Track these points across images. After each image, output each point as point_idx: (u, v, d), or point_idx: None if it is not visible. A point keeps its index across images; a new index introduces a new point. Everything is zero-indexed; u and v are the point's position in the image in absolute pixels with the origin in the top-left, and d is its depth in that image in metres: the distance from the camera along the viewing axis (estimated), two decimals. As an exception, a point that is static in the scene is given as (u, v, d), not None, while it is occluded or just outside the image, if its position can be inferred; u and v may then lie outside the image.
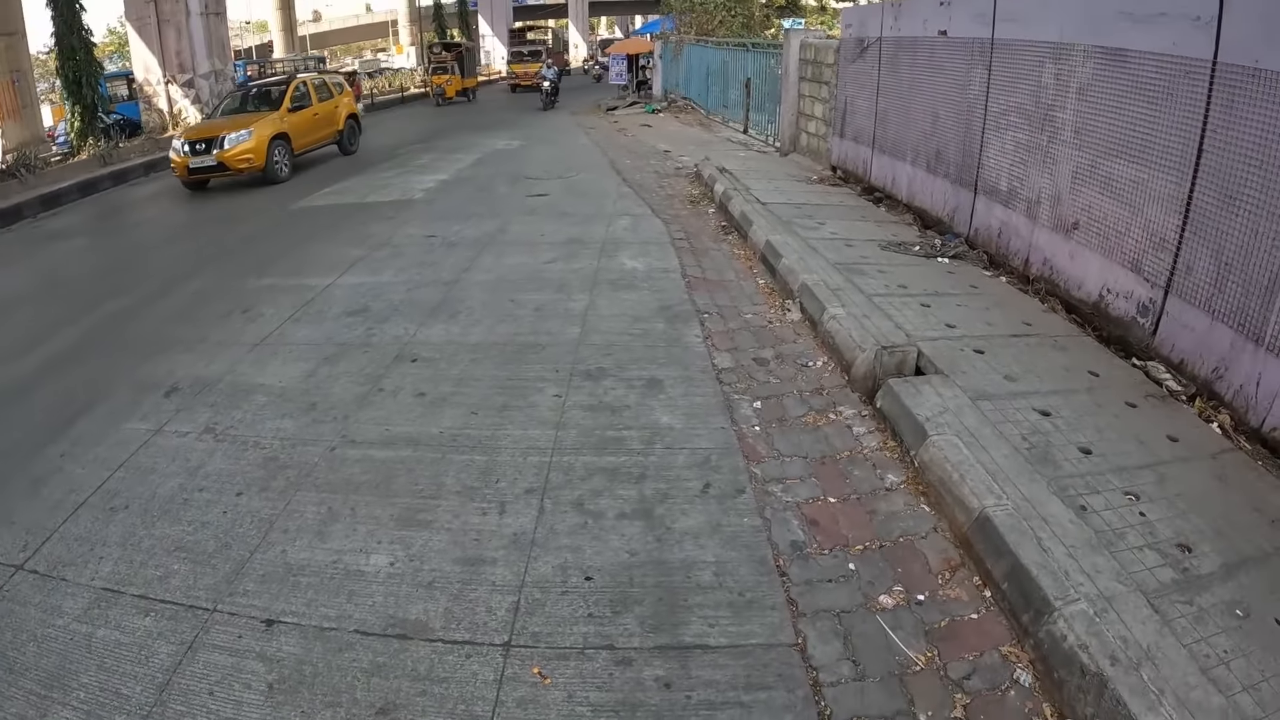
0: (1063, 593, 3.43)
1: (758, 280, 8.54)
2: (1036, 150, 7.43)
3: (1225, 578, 3.64)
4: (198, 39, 25.46)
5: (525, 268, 9.29)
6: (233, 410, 6.00)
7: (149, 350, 7.29)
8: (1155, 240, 5.85)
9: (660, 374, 6.29)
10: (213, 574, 4.20)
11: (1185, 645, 3.19)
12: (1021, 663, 3.44)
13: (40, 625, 3.91)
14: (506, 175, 15.93)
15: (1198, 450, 4.73)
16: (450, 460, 5.18)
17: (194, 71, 25.50)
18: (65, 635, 3.83)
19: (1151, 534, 3.89)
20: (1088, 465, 4.47)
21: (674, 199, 13.00)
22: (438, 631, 3.75)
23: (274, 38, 62.02)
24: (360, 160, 19.13)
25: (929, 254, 8.61)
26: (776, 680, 3.43)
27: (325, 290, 8.70)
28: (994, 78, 8.24)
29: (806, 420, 5.54)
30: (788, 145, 16.21)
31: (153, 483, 5.10)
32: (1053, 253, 7.17)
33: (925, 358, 5.81)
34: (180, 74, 25.44)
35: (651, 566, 4.14)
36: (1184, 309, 5.58)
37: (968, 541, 4.06)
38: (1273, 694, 3.03)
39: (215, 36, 26.50)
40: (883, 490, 4.71)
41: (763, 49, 19.47)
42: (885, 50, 11.22)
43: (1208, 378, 5.32)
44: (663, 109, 28.89)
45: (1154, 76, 5.83)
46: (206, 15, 25.77)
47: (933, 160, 9.75)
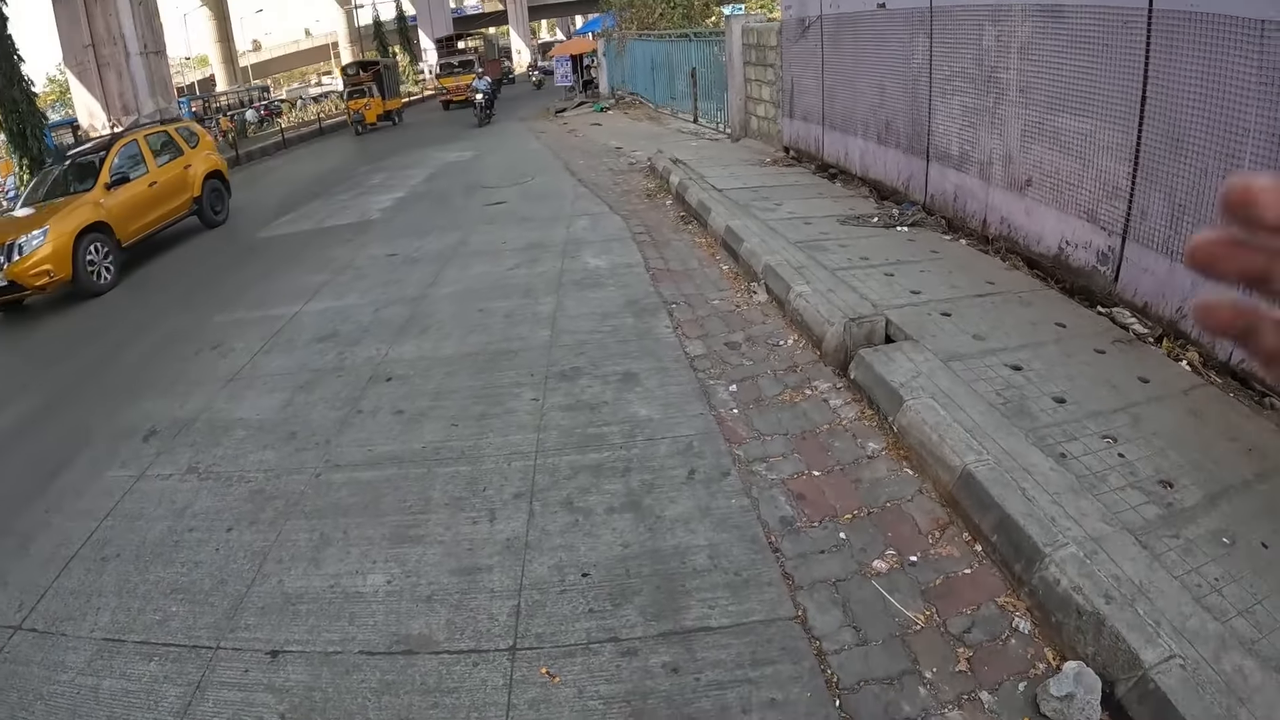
0: (1051, 539, 3.49)
1: (721, 266, 8.57)
2: (984, 112, 7.50)
3: (1209, 508, 3.71)
4: (139, 79, 25.18)
5: (490, 276, 9.27)
6: (213, 447, 5.95)
7: (124, 396, 7.22)
8: (1108, 189, 5.93)
9: (634, 367, 6.31)
10: (212, 612, 4.17)
11: (1176, 577, 3.25)
12: (1019, 611, 3.49)
13: (45, 683, 3.86)
14: (462, 186, 15.88)
15: (1169, 388, 4.81)
16: (436, 474, 5.18)
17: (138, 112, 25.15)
18: (71, 690, 3.78)
19: (1132, 473, 3.95)
20: (1063, 414, 4.53)
21: (631, 194, 13.01)
22: (442, 643, 3.75)
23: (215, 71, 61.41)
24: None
25: (888, 224, 8.67)
26: (781, 654, 3.45)
27: (293, 319, 8.65)
28: (936, 45, 8.30)
29: (783, 398, 5.57)
30: (738, 130, 16.24)
31: (141, 528, 5.05)
32: (1009, 211, 7.25)
33: (894, 325, 5.87)
34: (125, 116, 25.11)
35: (646, 556, 4.15)
36: (1143, 253, 5.66)
37: (953, 499, 4.11)
38: (1267, 615, 3.09)
39: (157, 75, 26.22)
40: (865, 458, 4.75)
41: (705, 38, 19.51)
42: (827, 28, 11.27)
43: (1172, 318, 5.40)
44: (611, 106, 28.87)
45: (1092, 29, 5.91)
46: (146, 55, 25.49)
47: (883, 132, 9.81)
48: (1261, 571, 3.31)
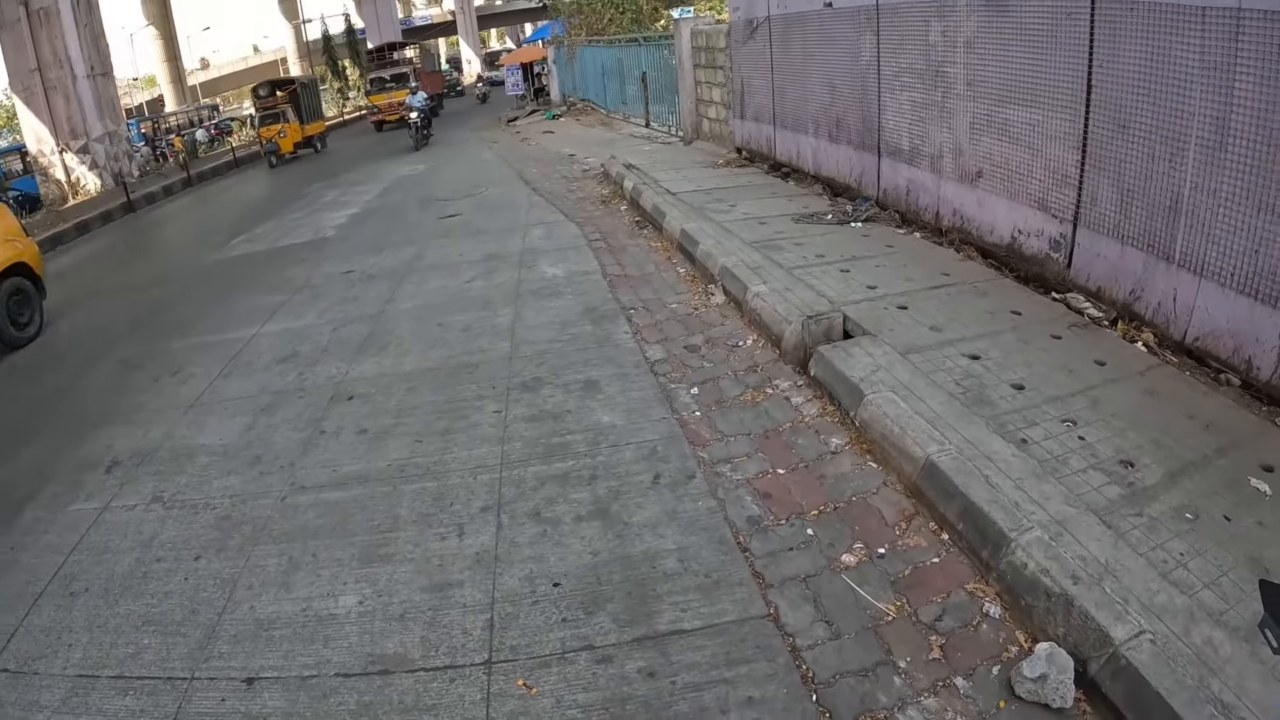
0: (1016, 523, 3.51)
1: (678, 269, 8.58)
2: (933, 107, 7.57)
3: (1170, 485, 3.76)
4: (87, 102, 24.77)
5: (447, 290, 9.21)
6: (177, 475, 5.83)
7: (85, 427, 7.06)
8: (1058, 178, 6.00)
9: (595, 375, 6.29)
10: (185, 642, 4.08)
11: (1142, 554, 3.29)
12: (988, 596, 3.52)
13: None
14: (416, 200, 15.79)
15: (1126, 370, 4.87)
16: (402, 491, 5.12)
17: (87, 136, 24.84)
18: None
19: (1093, 455, 4.00)
20: (1022, 400, 4.58)
21: (585, 201, 12.99)
22: (418, 661, 3.70)
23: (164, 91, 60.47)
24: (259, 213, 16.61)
25: (842, 221, 8.72)
26: (755, 652, 3.45)
27: (251, 341, 8.53)
28: (883, 42, 8.38)
29: (744, 398, 5.58)
30: (690, 133, 16.29)
31: (109, 561, 4.93)
32: (961, 203, 7.32)
33: (851, 321, 5.89)
34: (74, 140, 24.77)
35: (616, 563, 4.13)
36: (1094, 239, 5.74)
37: (918, 490, 4.13)
38: (1233, 586, 3.14)
39: (104, 97, 25.81)
40: (829, 454, 4.76)
41: (655, 42, 19.56)
42: (775, 28, 11.34)
43: (1126, 300, 5.48)
44: (563, 113, 28.88)
45: (1037, 21, 5.99)
46: (93, 77, 25.09)
47: (834, 129, 9.88)
48: (1225, 544, 3.36)
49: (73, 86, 24.44)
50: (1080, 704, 2.98)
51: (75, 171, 24.97)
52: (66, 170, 24.91)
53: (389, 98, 36.86)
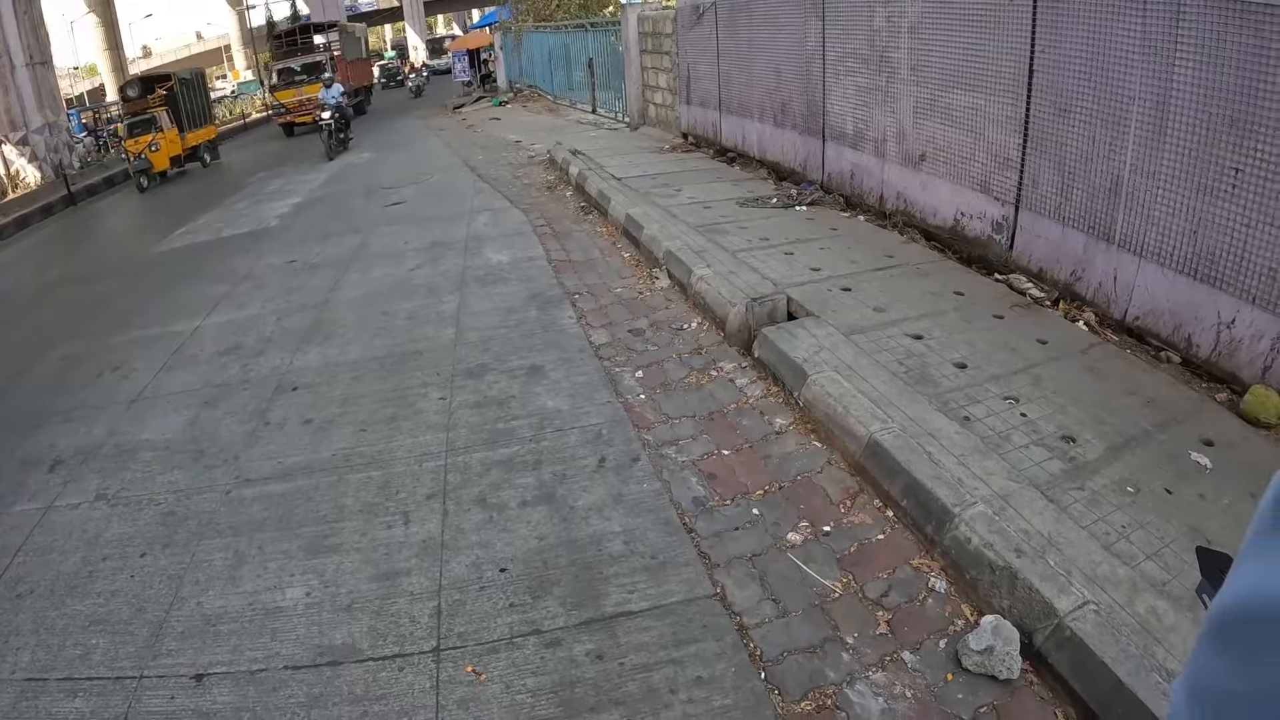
0: (960, 499, 3.53)
1: (623, 254, 8.55)
2: (877, 92, 7.60)
3: (1111, 459, 3.80)
4: (26, 92, 24.01)
5: (392, 278, 9.10)
6: (121, 472, 5.69)
7: (25, 426, 6.85)
8: (1000, 160, 6.05)
9: (540, 360, 6.25)
10: (133, 641, 4.00)
11: (1084, 527, 3.32)
12: (934, 571, 3.53)
13: (-31, 734, 3.67)
14: (361, 189, 15.57)
15: (1067, 349, 4.93)
16: (347, 481, 5.05)
17: (26, 127, 24.07)
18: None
19: (1035, 431, 4.03)
20: (965, 378, 4.61)
21: (531, 187, 12.91)
22: (366, 651, 3.66)
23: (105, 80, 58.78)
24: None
25: (786, 205, 8.74)
26: (703, 631, 3.45)
27: (194, 334, 8.35)
28: (828, 28, 8.40)
29: (689, 381, 5.56)
30: (637, 119, 16.27)
31: (54, 561, 4.80)
32: (905, 186, 7.36)
33: (795, 303, 5.90)
34: (12, 132, 24.00)
35: (562, 547, 4.11)
36: (1036, 220, 5.79)
37: (862, 468, 4.14)
38: (1175, 557, 3.18)
39: (44, 87, 25.05)
40: (773, 435, 4.76)
41: (602, 27, 19.48)
42: (721, 14, 11.33)
43: (1067, 281, 5.54)
44: (510, 100, 28.70)
45: (980, 6, 6.03)
46: (32, 66, 24.32)
47: (779, 114, 9.90)
48: (1167, 516, 3.40)
49: (11, 76, 23.67)
50: (1027, 675, 3.01)
51: (14, 164, 24.20)
52: (5, 163, 24.11)
53: (299, 94, 30.05)
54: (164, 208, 17.57)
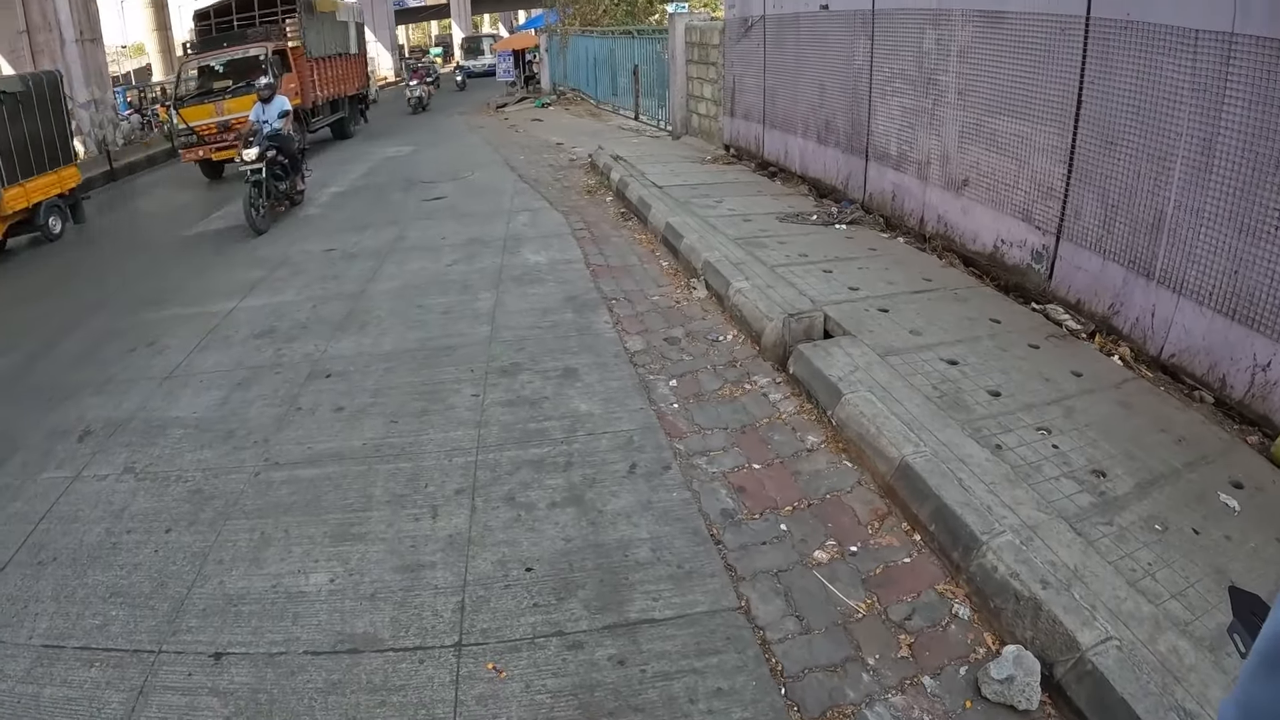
0: (988, 527, 3.54)
1: (661, 263, 8.58)
2: (923, 114, 7.61)
3: (1140, 496, 3.80)
4: (74, 68, 24.37)
5: (428, 272, 9.18)
6: (150, 447, 5.78)
7: (57, 396, 6.98)
8: (1043, 190, 6.05)
9: (574, 363, 6.29)
10: (152, 615, 4.05)
11: (1111, 563, 3.32)
12: (958, 597, 3.55)
13: (-18, 694, 3.73)
14: (400, 181, 15.68)
15: (1101, 382, 4.92)
16: (376, 471, 5.10)
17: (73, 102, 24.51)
18: (11, 699, 3.65)
19: (1066, 464, 4.04)
20: (998, 406, 4.61)
21: (571, 190, 12.97)
22: (387, 641, 3.69)
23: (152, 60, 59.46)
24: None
25: (826, 222, 8.75)
26: (726, 644, 3.46)
27: (229, 315, 8.46)
28: (877, 47, 8.41)
29: (723, 393, 5.59)
30: (679, 128, 16.30)
31: (78, 531, 4.88)
32: (946, 210, 7.36)
33: (832, 321, 5.92)
34: (61, 106, 24.76)
35: (589, 550, 4.14)
36: (1076, 252, 5.79)
37: (892, 490, 4.16)
38: (1199, 598, 3.18)
39: (93, 64, 25.42)
40: (804, 451, 4.78)
41: (648, 35, 19.54)
42: (769, 28, 11.35)
43: (1105, 314, 5.53)
44: (552, 102, 28.77)
45: (1031, 34, 6.03)
46: (82, 42, 24.70)
47: (823, 131, 9.91)
48: (1193, 556, 3.41)
49: (60, 51, 24.04)
50: (1045, 707, 3.01)
51: (61, 137, 24.96)
52: (54, 135, 24.94)
53: (213, 111, 18.36)
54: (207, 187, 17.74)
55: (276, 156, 12.69)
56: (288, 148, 13.08)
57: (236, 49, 19.48)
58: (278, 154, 12.75)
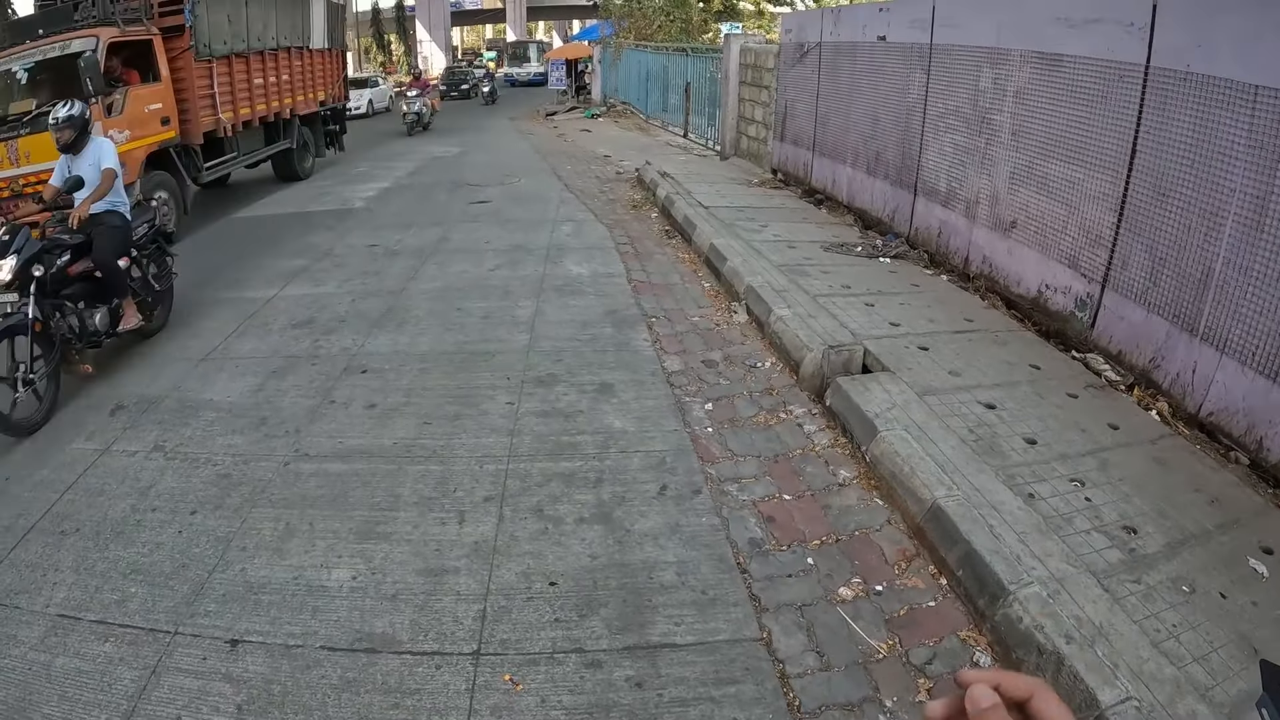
0: (1016, 576, 3.54)
1: (703, 283, 8.61)
2: (975, 152, 7.60)
3: (1170, 556, 3.78)
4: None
5: (470, 276, 9.26)
6: (181, 427, 5.87)
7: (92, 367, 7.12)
8: (1091, 237, 6.02)
9: (611, 378, 6.32)
10: (172, 596, 4.10)
11: (1136, 622, 3.31)
12: (980, 645, 3.54)
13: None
14: (446, 183, 15.85)
15: (1138, 436, 4.89)
16: (406, 471, 5.14)
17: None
18: (23, 665, 3.70)
19: (1098, 517, 4.02)
20: (1033, 454, 4.60)
21: (616, 204, 13.05)
22: (405, 643, 3.72)
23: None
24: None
25: (871, 254, 8.75)
26: (744, 674, 3.47)
27: (269, 302, 8.58)
28: (933, 82, 8.41)
29: (758, 420, 5.61)
30: (728, 149, 16.33)
31: (103, 504, 4.96)
32: (992, 251, 7.34)
33: (871, 355, 5.92)
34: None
35: (614, 569, 4.15)
36: (1121, 302, 5.76)
37: (921, 532, 4.16)
38: (1222, 663, 3.15)
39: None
40: (836, 486, 4.79)
41: (702, 53, 19.59)
42: (825, 55, 11.38)
43: (1145, 367, 5.50)
44: (602, 114, 28.94)
45: (1089, 80, 6.01)
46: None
47: (872, 162, 9.91)
48: (1218, 620, 3.38)
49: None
50: (1061, 763, 3.00)
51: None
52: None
53: (10, 164, 9.88)
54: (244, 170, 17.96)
55: (69, 273, 6.69)
56: (110, 245, 6.98)
57: (51, 41, 11.03)
58: (77, 264, 6.80)
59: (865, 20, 10.06)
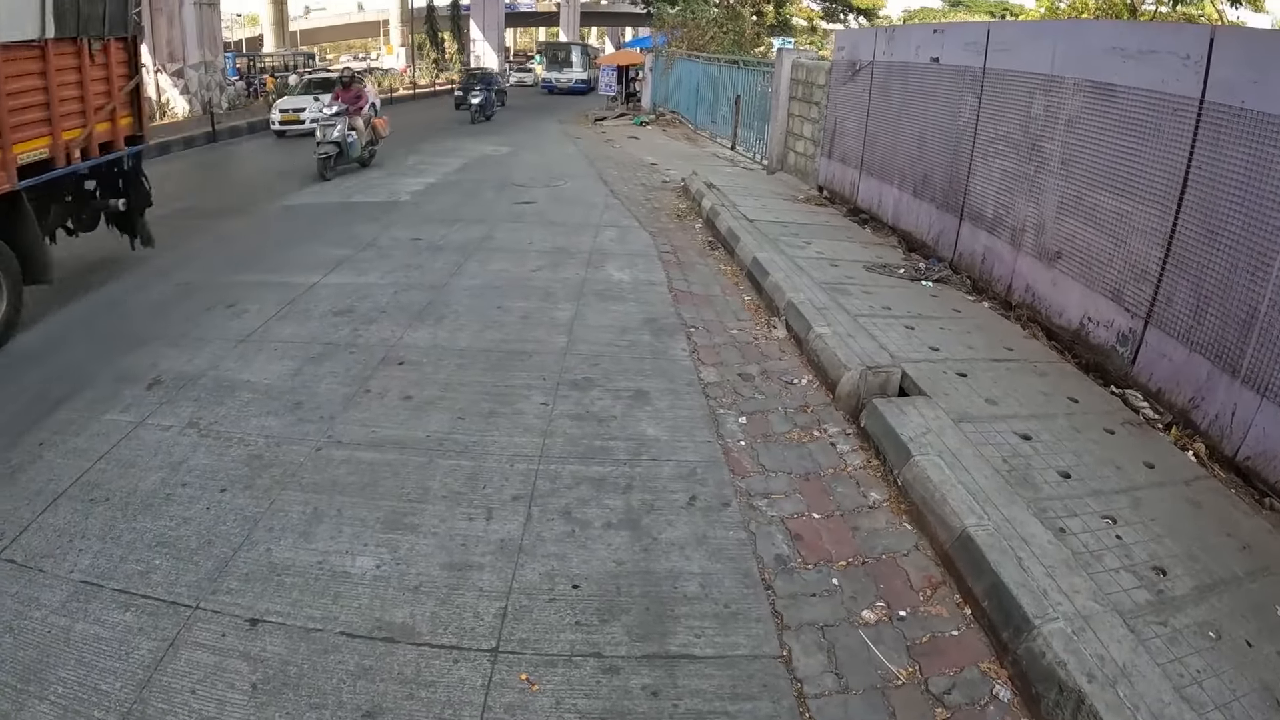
0: (1042, 611, 3.52)
1: (743, 296, 8.62)
2: (1023, 179, 7.55)
3: (1198, 600, 3.74)
4: (190, 29, 25.32)
5: (512, 275, 9.32)
6: (216, 406, 5.96)
7: (132, 341, 7.22)
8: (1137, 271, 5.97)
9: (647, 386, 6.34)
10: (195, 571, 4.16)
11: (1160, 664, 3.28)
12: (1000, 679, 3.51)
13: (16, 616, 3.84)
14: (493, 181, 15.94)
15: (1173, 476, 4.85)
16: (437, 464, 5.19)
17: (184, 61, 25.37)
18: (42, 628, 3.77)
19: (1128, 556, 3.99)
20: (1066, 488, 4.57)
21: (661, 212, 13.07)
22: (425, 635, 3.75)
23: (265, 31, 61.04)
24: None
25: (913, 277, 8.72)
26: (762, 691, 3.47)
27: (311, 289, 8.68)
28: (984, 106, 8.37)
29: (791, 436, 5.60)
30: (775, 163, 16.32)
31: (134, 476, 5.04)
32: (1035, 280, 7.29)
33: (909, 379, 5.90)
34: (170, 63, 25.31)
35: (638, 576, 4.16)
36: (1163, 339, 5.70)
37: (949, 560, 4.14)
38: (1243, 712, 3.12)
39: (207, 27, 26.37)
40: (866, 507, 4.77)
41: (753, 67, 19.59)
42: (877, 74, 11.35)
43: (1184, 407, 5.44)
44: (650, 122, 29.00)
45: (1142, 112, 5.97)
46: (200, 5, 25.66)
47: (919, 185, 9.87)
48: (1243, 669, 3.35)
49: (178, 11, 25.01)
50: (1077, 801, 2.98)
51: (166, 93, 25.53)
52: (158, 90, 25.40)
53: None
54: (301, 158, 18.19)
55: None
56: None
57: None
58: None
59: (919, 41, 10.04)
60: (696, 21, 31.00)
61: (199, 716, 3.31)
